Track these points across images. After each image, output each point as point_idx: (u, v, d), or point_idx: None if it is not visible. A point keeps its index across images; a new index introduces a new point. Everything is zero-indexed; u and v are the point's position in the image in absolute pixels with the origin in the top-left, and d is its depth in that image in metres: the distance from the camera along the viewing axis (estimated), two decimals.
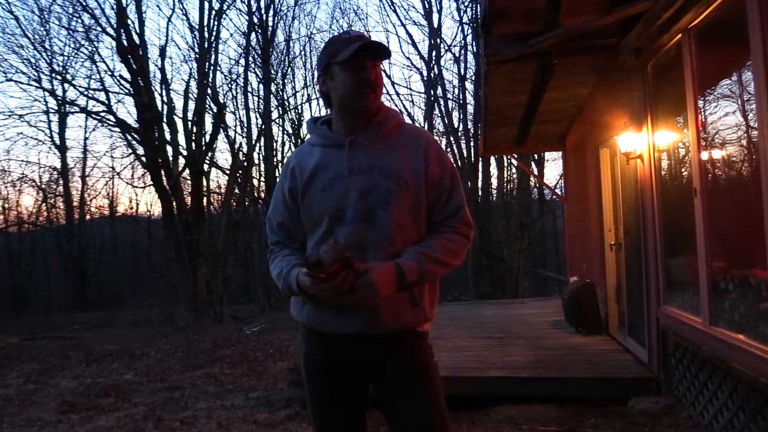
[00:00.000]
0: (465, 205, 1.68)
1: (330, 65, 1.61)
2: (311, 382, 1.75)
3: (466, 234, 1.67)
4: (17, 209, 23.96)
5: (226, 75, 17.80)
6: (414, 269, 1.55)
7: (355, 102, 1.61)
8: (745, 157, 3.42)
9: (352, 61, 1.57)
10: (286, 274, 1.63)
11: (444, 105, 17.88)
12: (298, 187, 1.68)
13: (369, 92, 1.60)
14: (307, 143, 1.76)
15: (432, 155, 1.64)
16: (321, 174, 1.64)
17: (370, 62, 1.59)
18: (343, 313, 1.59)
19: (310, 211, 1.65)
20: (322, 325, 1.65)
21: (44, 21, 15.72)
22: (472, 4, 15.74)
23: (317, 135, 1.71)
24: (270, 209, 1.80)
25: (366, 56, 1.58)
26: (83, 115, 18.39)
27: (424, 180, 1.61)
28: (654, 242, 4.20)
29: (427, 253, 1.58)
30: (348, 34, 1.64)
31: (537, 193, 18.51)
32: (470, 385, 4.28)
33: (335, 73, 1.61)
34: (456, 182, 1.67)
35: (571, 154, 7.74)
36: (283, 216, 1.74)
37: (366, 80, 1.58)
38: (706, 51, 3.42)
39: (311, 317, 1.67)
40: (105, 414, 4.92)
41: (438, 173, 1.63)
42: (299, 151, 1.75)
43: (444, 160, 1.67)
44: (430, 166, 1.62)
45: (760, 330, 2.83)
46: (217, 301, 13.18)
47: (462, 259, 1.67)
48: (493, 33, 4.34)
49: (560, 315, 6.41)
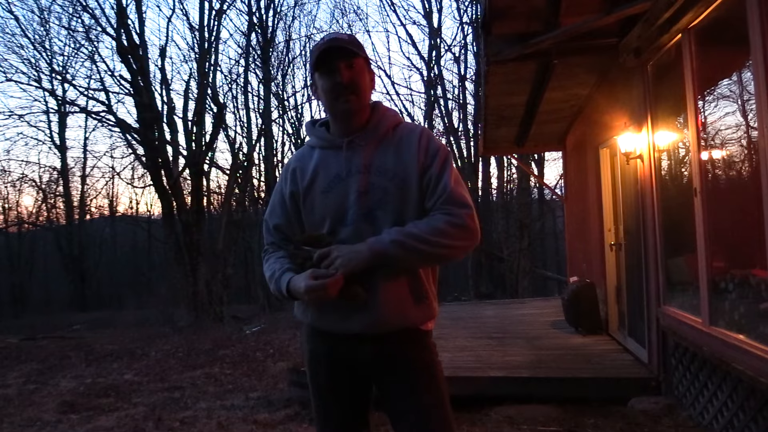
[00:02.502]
0: (457, 186, 1.57)
1: (313, 74, 1.64)
2: (315, 382, 1.74)
3: (456, 214, 1.53)
4: (17, 209, 24.02)
5: (226, 75, 17.87)
6: (383, 239, 1.52)
7: (335, 106, 1.61)
8: (745, 157, 3.41)
9: (322, 66, 1.57)
10: (278, 278, 1.62)
11: (444, 105, 17.91)
12: (299, 190, 1.68)
13: (347, 94, 1.57)
14: (306, 145, 1.76)
15: (421, 147, 1.61)
16: (321, 176, 1.64)
17: (343, 63, 1.56)
18: (347, 313, 1.59)
19: (312, 213, 1.65)
20: (327, 326, 1.66)
21: (44, 21, 15.77)
22: (472, 4, 15.76)
23: (316, 137, 1.72)
24: (268, 210, 1.79)
25: (335, 58, 1.55)
26: (83, 115, 18.46)
27: (419, 175, 1.60)
28: (654, 242, 4.20)
29: (403, 231, 1.52)
30: (323, 39, 1.61)
31: (537, 193, 18.52)
32: (470, 385, 4.28)
33: (317, 82, 1.63)
34: (445, 165, 1.59)
35: (571, 154, 7.74)
36: (280, 218, 1.73)
37: (339, 84, 1.56)
38: (706, 51, 3.42)
39: (316, 317, 1.67)
40: (105, 414, 4.91)
41: (424, 162, 1.60)
42: (299, 154, 1.75)
43: (431, 146, 1.62)
44: (419, 157, 1.60)
45: (760, 330, 2.83)
46: (217, 301, 13.18)
47: (459, 241, 1.54)
48: (493, 33, 4.34)
49: (560, 315, 6.41)
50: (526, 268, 15.09)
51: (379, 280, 1.56)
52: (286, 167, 1.77)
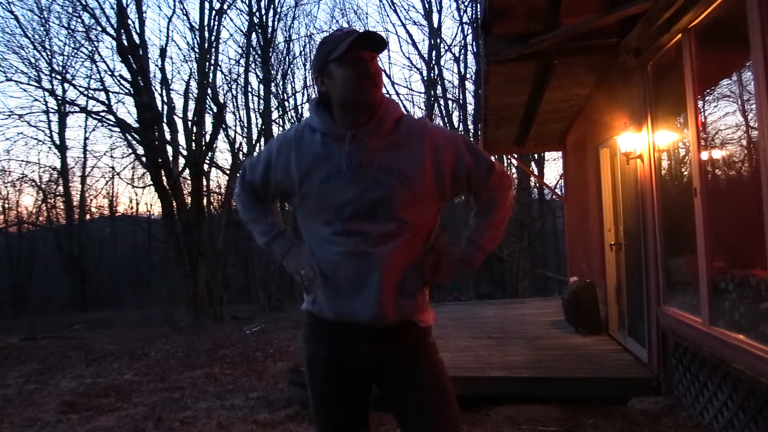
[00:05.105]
0: (490, 159, 1.71)
1: (327, 64, 1.58)
2: (314, 384, 1.73)
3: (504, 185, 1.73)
4: (17, 209, 24.00)
5: (226, 75, 17.86)
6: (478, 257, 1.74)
7: (357, 96, 1.57)
8: (745, 157, 3.41)
9: (350, 54, 1.54)
10: (272, 239, 1.78)
11: (444, 105, 17.92)
12: (291, 167, 1.64)
13: (370, 85, 1.56)
14: (307, 124, 1.69)
15: (440, 145, 1.62)
16: (321, 165, 1.61)
17: (368, 54, 1.57)
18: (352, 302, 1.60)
19: (307, 199, 1.63)
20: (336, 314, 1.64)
21: (44, 21, 15.77)
22: (472, 4, 15.75)
23: (320, 120, 1.65)
24: (252, 161, 1.79)
25: (363, 48, 1.55)
26: (83, 115, 18.45)
27: (433, 173, 1.60)
28: (654, 242, 4.20)
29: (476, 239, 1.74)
30: (341, 31, 1.62)
31: (537, 193, 18.50)
32: (470, 385, 4.27)
33: (333, 71, 1.57)
34: (472, 148, 1.68)
35: (571, 154, 7.74)
36: (258, 179, 1.74)
37: (366, 72, 1.55)
38: (706, 51, 3.42)
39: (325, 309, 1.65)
40: (105, 414, 4.91)
41: (453, 157, 1.63)
42: (299, 132, 1.68)
43: (450, 141, 1.65)
44: (442, 156, 1.61)
45: (760, 330, 2.83)
46: (217, 301, 13.18)
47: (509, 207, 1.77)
48: (493, 33, 4.34)
49: (560, 315, 6.41)
50: (526, 268, 15.10)
51: (379, 275, 1.57)
52: (282, 138, 1.72)
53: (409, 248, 1.61)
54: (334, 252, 1.60)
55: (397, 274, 1.60)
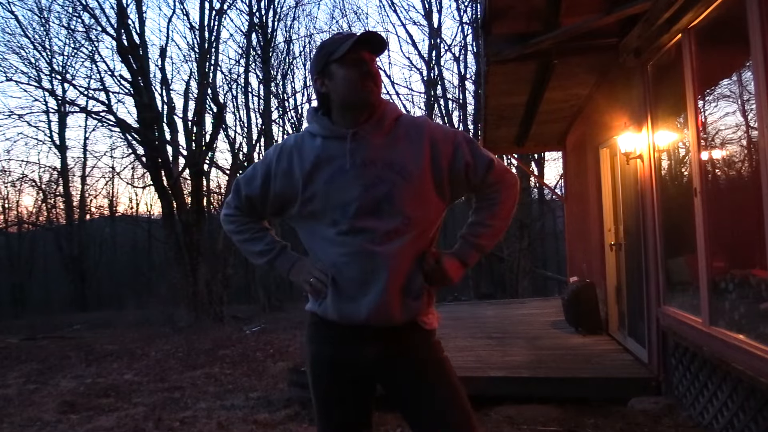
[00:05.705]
0: (492, 157, 1.68)
1: (328, 65, 1.60)
2: (317, 384, 1.73)
3: (506, 181, 1.70)
4: (17, 209, 24.02)
5: (226, 75, 17.86)
6: (473, 255, 1.72)
7: (359, 96, 1.59)
8: (745, 157, 3.41)
9: (351, 54, 1.56)
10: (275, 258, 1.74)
11: (444, 105, 17.92)
12: (294, 172, 1.64)
13: (371, 85, 1.59)
14: (306, 131, 1.71)
15: (438, 140, 1.63)
16: (324, 166, 1.61)
17: (369, 55, 1.60)
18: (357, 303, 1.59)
19: (311, 202, 1.63)
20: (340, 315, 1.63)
21: (44, 21, 15.78)
22: (472, 4, 15.76)
23: (319, 125, 1.67)
24: (246, 175, 1.75)
25: (364, 49, 1.58)
26: (83, 115, 18.47)
27: (431, 167, 1.61)
28: (654, 242, 4.20)
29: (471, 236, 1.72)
30: (340, 34, 1.65)
31: (537, 193, 18.51)
32: (470, 385, 4.23)
33: (334, 72, 1.59)
34: (471, 143, 1.67)
35: (571, 154, 7.74)
36: (256, 192, 1.71)
37: (367, 72, 1.58)
38: (706, 51, 3.42)
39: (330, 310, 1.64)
40: (105, 414, 4.92)
41: (451, 151, 1.63)
42: (298, 139, 1.70)
43: (448, 135, 1.66)
44: (440, 150, 1.62)
45: (760, 330, 2.83)
46: (217, 301, 13.17)
47: (513, 205, 1.74)
48: (493, 33, 4.34)
49: (560, 315, 6.41)
50: (526, 268, 15.09)
51: (386, 275, 1.57)
52: (281, 146, 1.71)
53: (414, 248, 1.61)
54: (339, 254, 1.60)
55: (403, 274, 1.60)
